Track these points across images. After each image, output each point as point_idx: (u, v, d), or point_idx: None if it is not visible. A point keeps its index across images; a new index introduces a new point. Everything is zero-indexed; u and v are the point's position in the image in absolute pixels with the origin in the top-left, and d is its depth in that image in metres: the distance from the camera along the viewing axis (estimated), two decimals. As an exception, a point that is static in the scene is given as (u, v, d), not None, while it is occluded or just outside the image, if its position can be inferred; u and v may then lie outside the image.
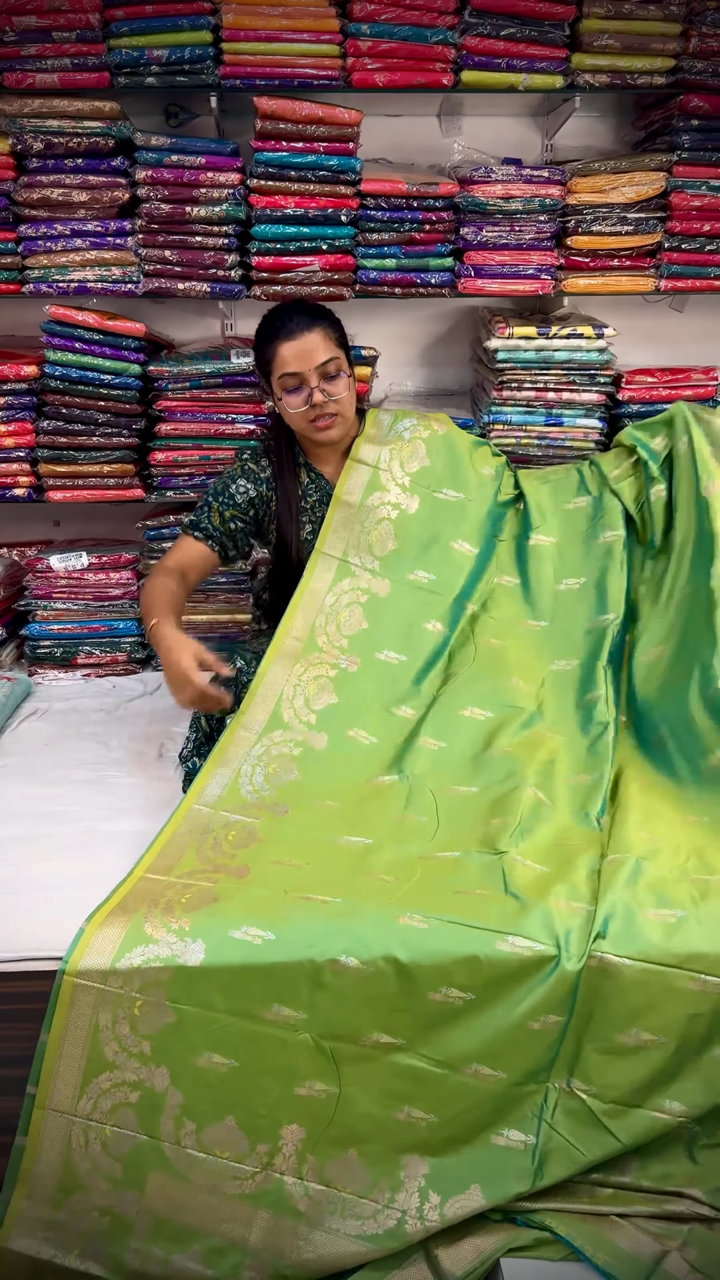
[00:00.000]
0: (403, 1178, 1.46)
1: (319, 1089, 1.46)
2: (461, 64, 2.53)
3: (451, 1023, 1.48)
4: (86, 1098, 1.46)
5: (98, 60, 2.47)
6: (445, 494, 2.29)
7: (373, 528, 2.23)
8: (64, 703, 2.72)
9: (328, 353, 2.17)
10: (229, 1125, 1.46)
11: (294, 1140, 1.47)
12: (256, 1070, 1.46)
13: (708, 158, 2.62)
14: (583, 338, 2.67)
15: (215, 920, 1.51)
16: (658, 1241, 1.46)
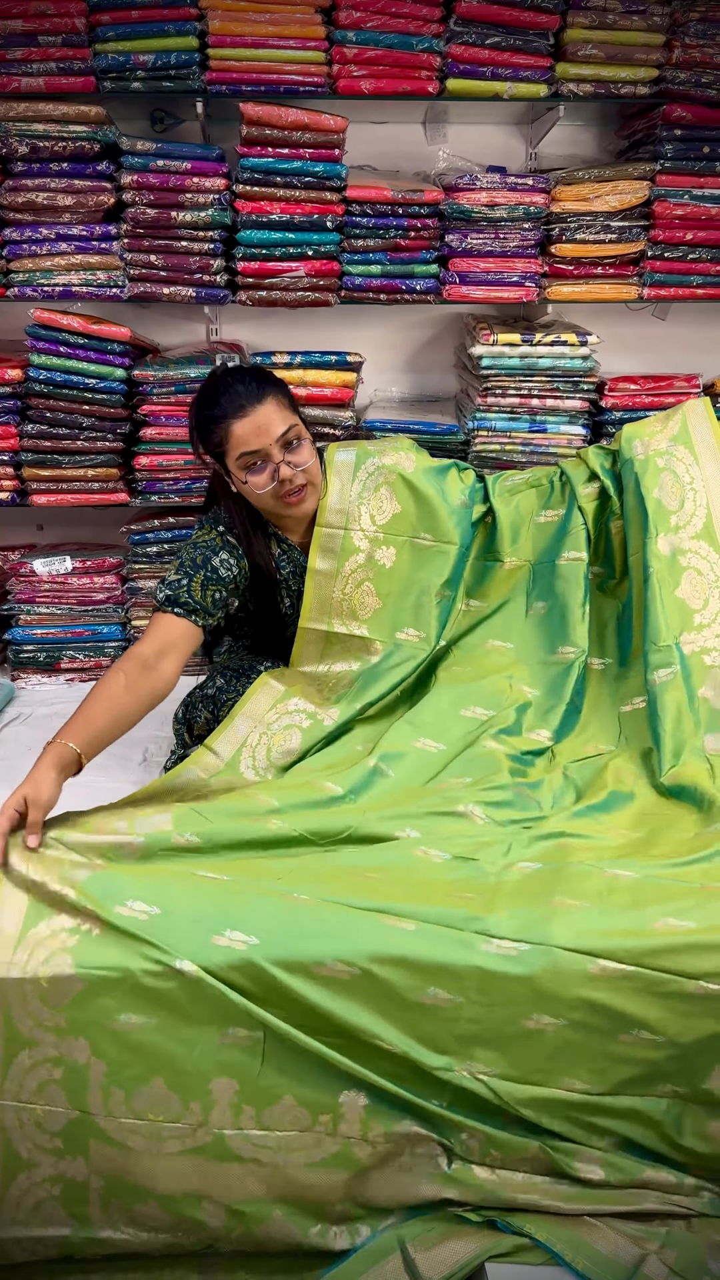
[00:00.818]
0: (343, 1112, 1.44)
1: (242, 1035, 1.43)
2: (447, 72, 2.55)
3: (344, 999, 1.45)
4: (11, 1079, 1.44)
5: (83, 65, 2.47)
6: (422, 539, 2.15)
7: (353, 591, 2.11)
8: (47, 707, 2.71)
9: (285, 422, 1.97)
10: (158, 1087, 1.44)
11: (227, 1093, 1.45)
12: (176, 1024, 1.43)
13: (690, 167, 2.64)
14: (566, 345, 2.68)
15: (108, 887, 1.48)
16: (636, 1245, 1.46)
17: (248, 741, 1.95)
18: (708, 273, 2.74)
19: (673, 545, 2.06)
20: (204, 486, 2.74)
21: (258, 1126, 1.45)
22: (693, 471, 2.12)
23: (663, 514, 2.07)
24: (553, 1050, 1.46)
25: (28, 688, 2.85)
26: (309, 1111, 1.45)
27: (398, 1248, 1.47)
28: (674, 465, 2.12)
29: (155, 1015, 1.43)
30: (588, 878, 1.57)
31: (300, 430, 2.00)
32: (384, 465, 2.15)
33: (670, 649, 2.00)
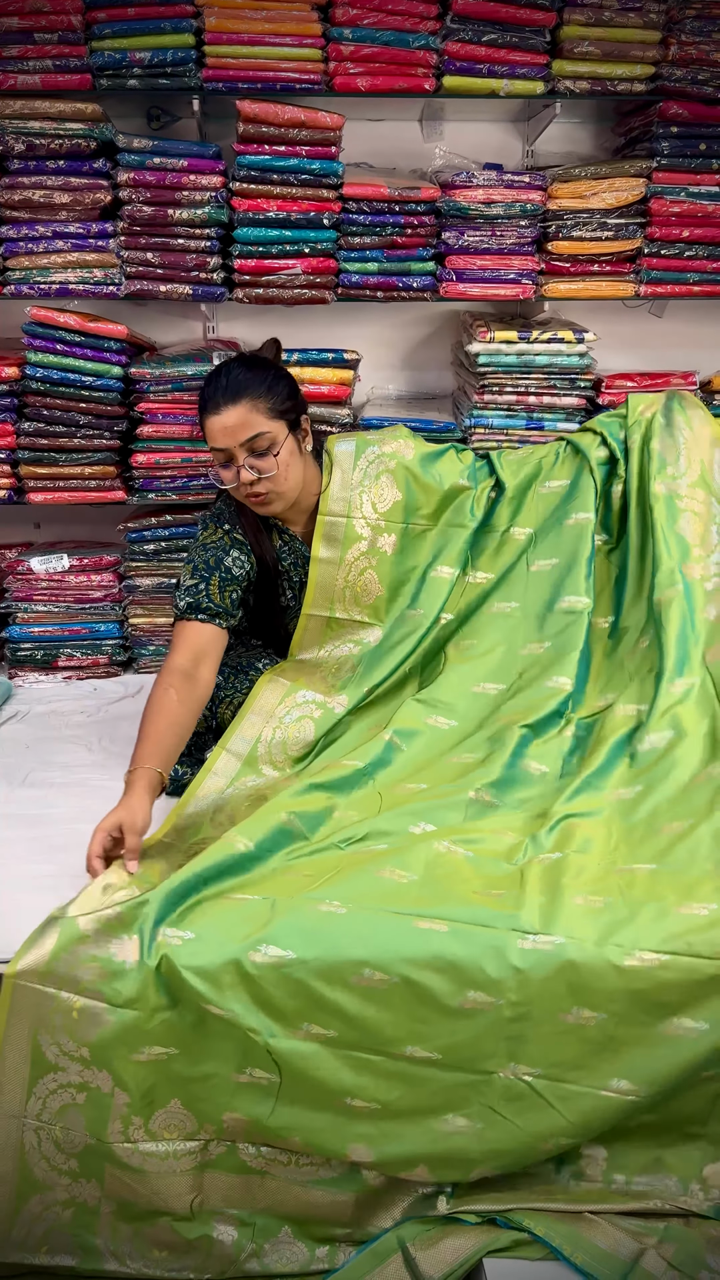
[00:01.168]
0: (349, 1160, 1.47)
1: (260, 1076, 1.46)
2: (443, 69, 2.55)
3: (382, 1008, 1.46)
4: (35, 1098, 1.46)
5: (80, 62, 2.47)
6: (419, 523, 2.19)
7: (356, 579, 2.14)
8: (44, 705, 2.71)
9: (254, 428, 1.96)
10: (175, 1107, 1.46)
11: (238, 1125, 1.47)
12: (196, 1056, 1.46)
13: (687, 164, 2.64)
14: (563, 342, 2.68)
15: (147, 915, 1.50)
16: (635, 1239, 1.47)
17: (261, 737, 1.99)
18: (704, 270, 2.74)
19: (670, 489, 2.11)
20: (201, 484, 2.76)
21: (269, 1145, 1.49)
22: (685, 433, 2.18)
23: (661, 463, 2.14)
24: (596, 1045, 1.45)
25: (25, 686, 2.85)
26: (316, 1151, 1.48)
27: (398, 1248, 1.48)
28: (673, 422, 2.19)
29: (177, 1046, 1.45)
30: (605, 877, 1.58)
31: (275, 439, 1.99)
32: (384, 453, 2.18)
33: (674, 572, 2.03)
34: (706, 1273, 1.44)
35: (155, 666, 2.93)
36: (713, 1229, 1.50)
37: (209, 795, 1.89)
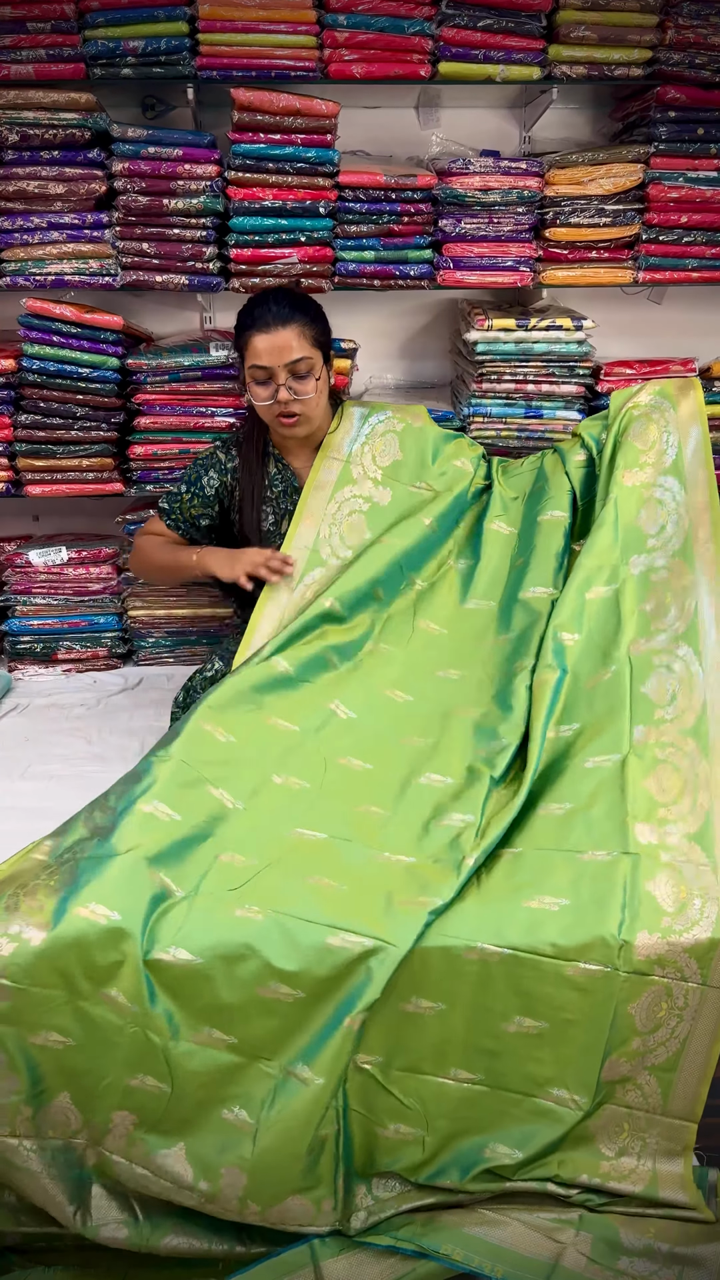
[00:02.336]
0: (222, 1186, 1.44)
1: (151, 1084, 1.45)
2: (439, 55, 2.53)
3: (279, 1019, 1.46)
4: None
5: (73, 51, 2.46)
6: (419, 486, 2.25)
7: (344, 520, 2.18)
8: (44, 698, 2.71)
9: (300, 351, 2.12)
10: (63, 1102, 1.45)
11: (125, 1124, 1.46)
12: (95, 1051, 1.44)
13: (685, 149, 2.62)
14: (561, 329, 2.67)
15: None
16: (550, 1238, 1.47)
17: (320, 535, 2.16)
18: (703, 256, 2.72)
19: (637, 478, 2.09)
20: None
21: (145, 1167, 1.45)
22: (669, 417, 2.14)
23: (633, 452, 2.12)
24: (437, 1037, 1.49)
25: (25, 679, 2.85)
26: (194, 1171, 1.45)
27: (310, 1264, 1.47)
28: (653, 415, 2.16)
29: (77, 1038, 1.44)
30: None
31: (314, 364, 2.16)
32: (394, 418, 2.31)
33: (618, 567, 1.99)
34: (625, 1258, 1.46)
35: (154, 659, 2.93)
36: (622, 1206, 1.52)
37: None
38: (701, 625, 1.86)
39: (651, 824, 1.63)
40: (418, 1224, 1.50)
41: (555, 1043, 1.49)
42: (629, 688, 1.82)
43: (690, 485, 2.04)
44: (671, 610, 1.90)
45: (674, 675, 1.82)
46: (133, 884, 1.47)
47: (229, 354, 2.65)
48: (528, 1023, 1.47)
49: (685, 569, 1.94)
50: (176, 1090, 1.45)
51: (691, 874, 1.57)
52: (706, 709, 1.76)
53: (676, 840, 1.61)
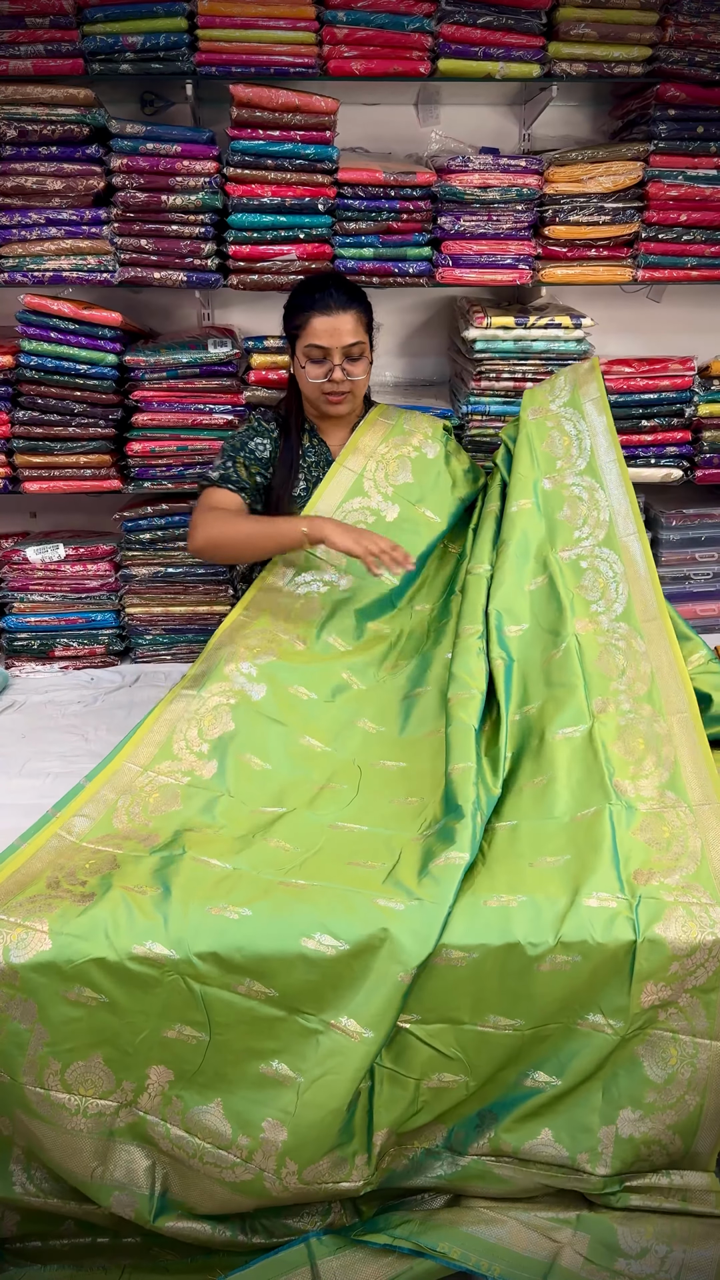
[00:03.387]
0: (262, 1140, 1.45)
1: (189, 1034, 1.45)
2: (438, 52, 2.53)
3: (321, 973, 1.47)
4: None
5: (72, 47, 2.45)
6: (422, 509, 2.37)
7: (354, 522, 2.30)
8: (41, 695, 2.71)
9: (355, 336, 2.26)
10: (95, 1062, 1.45)
11: (160, 1081, 1.47)
12: (126, 1007, 1.45)
13: (684, 147, 2.62)
14: (560, 328, 2.67)
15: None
16: (547, 1237, 1.47)
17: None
18: (702, 254, 2.72)
19: (556, 482, 2.29)
20: (196, 472, 2.75)
21: (182, 1126, 1.46)
22: (579, 426, 2.34)
23: (549, 460, 2.32)
24: (472, 986, 1.49)
25: (22, 675, 2.84)
26: (232, 1127, 1.45)
27: (308, 1263, 1.47)
28: (563, 425, 2.36)
29: (110, 994, 1.44)
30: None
31: (365, 348, 2.31)
32: (411, 444, 2.43)
33: (548, 559, 2.16)
34: (622, 1259, 1.46)
35: (152, 656, 2.93)
36: (618, 1203, 1.51)
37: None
38: (634, 602, 2.06)
39: (626, 779, 1.74)
40: (415, 1222, 1.50)
41: (589, 973, 1.48)
42: (580, 665, 1.95)
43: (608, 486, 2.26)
44: (607, 592, 2.09)
45: (619, 650, 1.98)
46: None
47: (227, 351, 2.64)
48: (560, 959, 1.47)
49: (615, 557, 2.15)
50: (215, 1040, 1.45)
51: (672, 816, 1.66)
52: (654, 676, 1.92)
53: (651, 792, 1.71)
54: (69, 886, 1.53)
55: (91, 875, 1.56)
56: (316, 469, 2.42)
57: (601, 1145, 1.50)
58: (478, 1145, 1.52)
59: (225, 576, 2.88)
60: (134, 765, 1.86)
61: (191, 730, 1.92)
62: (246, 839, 1.67)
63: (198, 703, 1.98)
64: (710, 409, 2.82)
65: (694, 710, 1.85)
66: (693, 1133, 1.51)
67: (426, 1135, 1.53)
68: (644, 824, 1.65)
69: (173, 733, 1.91)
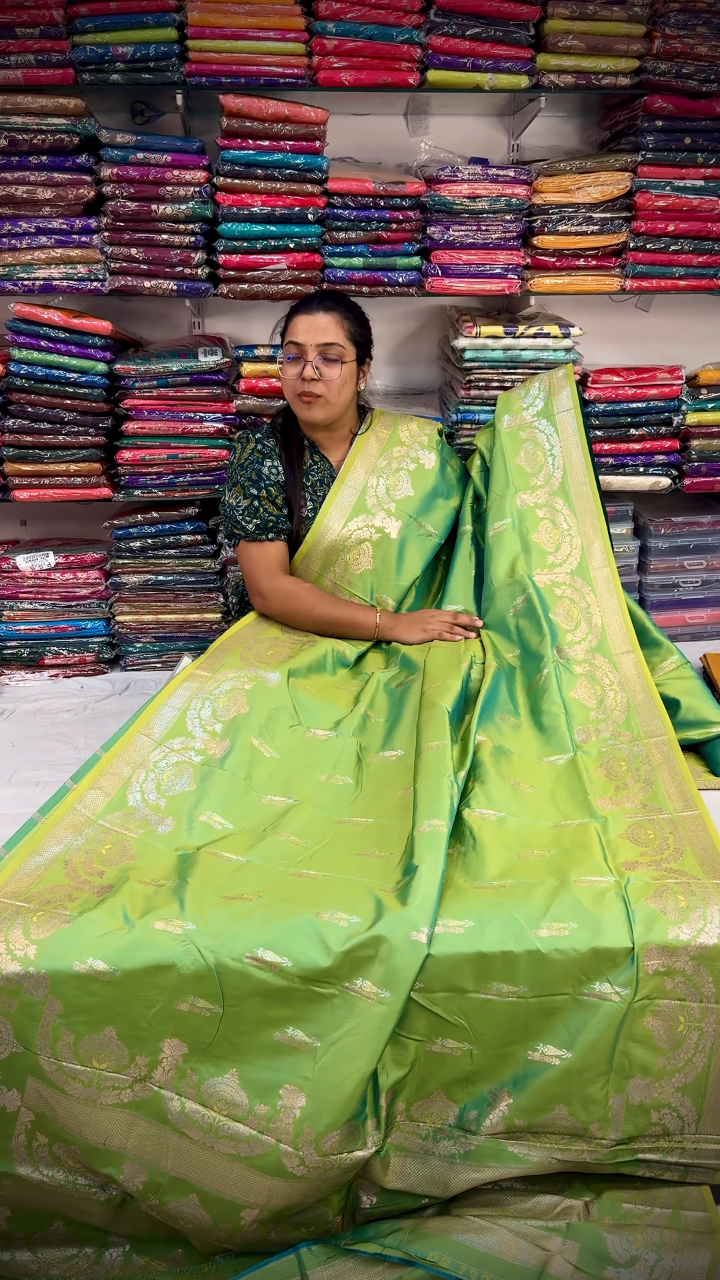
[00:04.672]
0: (280, 1108, 1.45)
1: (201, 1006, 1.45)
2: (427, 63, 2.54)
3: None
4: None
5: (62, 57, 2.46)
6: (421, 524, 2.44)
7: (352, 548, 2.38)
8: (31, 704, 2.70)
9: (332, 336, 2.26)
10: (108, 1036, 1.46)
11: (174, 1054, 1.47)
12: (139, 981, 1.45)
13: (672, 158, 2.64)
14: (549, 337, 2.68)
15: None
16: (537, 1245, 1.46)
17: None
18: (690, 264, 2.74)
19: (530, 501, 2.37)
20: (187, 480, 2.76)
21: (196, 1099, 1.46)
22: (552, 440, 2.43)
23: (523, 476, 2.40)
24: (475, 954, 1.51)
25: (11, 684, 2.84)
26: (249, 1096, 1.45)
27: (298, 1273, 1.46)
28: (536, 437, 2.45)
29: (124, 969, 1.44)
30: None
31: (344, 353, 2.28)
32: (409, 455, 2.46)
33: (524, 579, 2.27)
34: (611, 1268, 1.45)
35: (142, 664, 2.93)
36: (609, 1217, 1.51)
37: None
38: (608, 636, 2.18)
39: (608, 798, 1.83)
40: (405, 1231, 1.50)
41: (588, 940, 1.50)
42: (560, 695, 2.07)
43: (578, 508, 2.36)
44: (581, 625, 2.20)
45: (595, 681, 2.12)
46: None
47: (217, 359, 2.65)
48: (556, 926, 1.49)
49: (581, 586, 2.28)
50: (228, 1012, 1.45)
51: (654, 823, 1.74)
52: (630, 707, 2.05)
53: (633, 805, 1.80)
54: (86, 875, 1.57)
55: (109, 865, 1.60)
56: (321, 487, 2.41)
57: (613, 1112, 1.51)
58: (490, 1124, 1.51)
59: (216, 585, 2.88)
60: (147, 738, 1.89)
61: (206, 709, 1.95)
62: (258, 833, 1.71)
63: (212, 684, 2.01)
64: (698, 418, 2.83)
65: (670, 733, 1.96)
66: (702, 1093, 1.52)
67: (436, 1114, 1.52)
68: (629, 830, 1.71)
69: (187, 708, 1.95)
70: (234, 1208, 1.45)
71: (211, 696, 1.98)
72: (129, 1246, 1.56)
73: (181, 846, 1.67)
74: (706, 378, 2.83)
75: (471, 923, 1.49)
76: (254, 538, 2.33)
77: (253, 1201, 1.45)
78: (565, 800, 1.82)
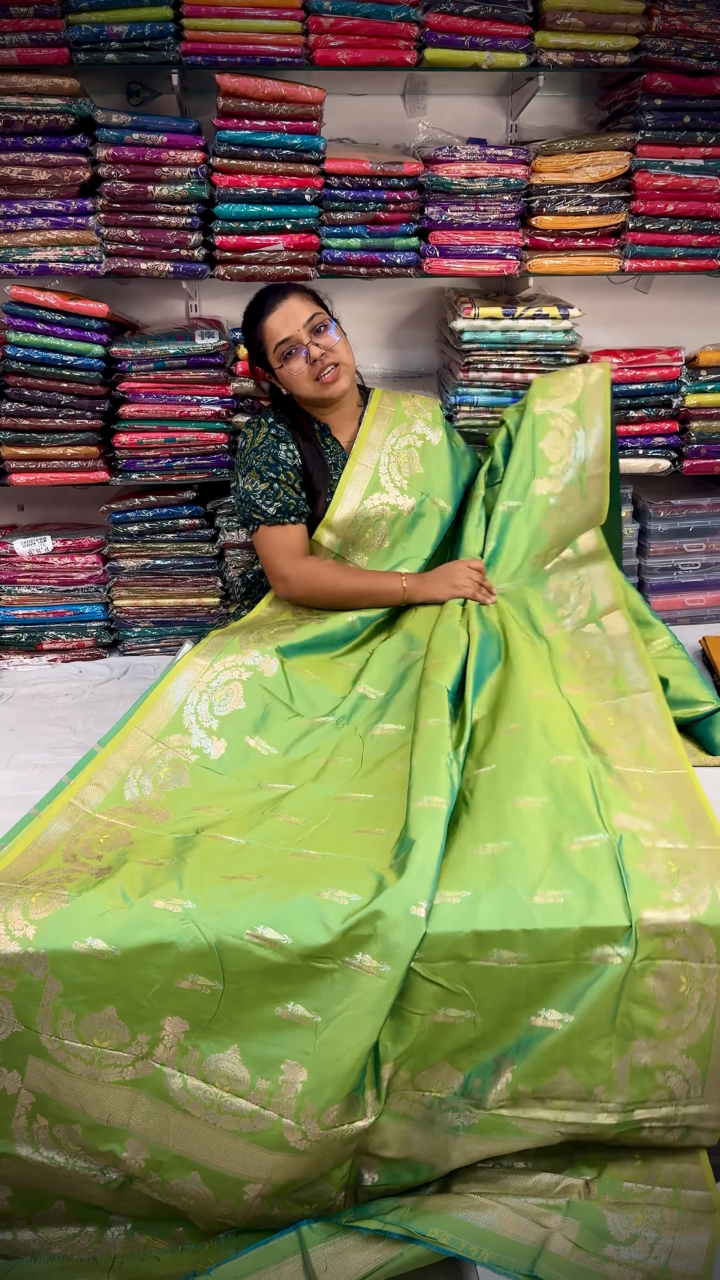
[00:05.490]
0: (281, 1083, 1.45)
1: (202, 983, 1.45)
2: (425, 42, 2.52)
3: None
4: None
5: (56, 36, 2.44)
6: (434, 499, 2.41)
7: (366, 527, 2.36)
8: (29, 688, 2.70)
9: (308, 310, 2.24)
10: (109, 1014, 1.45)
11: (175, 1031, 1.47)
12: (139, 960, 1.45)
13: (671, 137, 2.62)
14: (548, 318, 2.67)
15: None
16: (537, 1223, 1.46)
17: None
18: (689, 244, 2.73)
19: (546, 488, 2.40)
20: (185, 464, 2.74)
21: (198, 1075, 1.46)
22: (577, 433, 2.42)
23: (544, 462, 2.41)
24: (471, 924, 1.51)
25: (10, 668, 2.83)
26: (250, 1071, 1.45)
27: (299, 1251, 1.47)
28: (561, 426, 2.43)
29: (120, 945, 1.44)
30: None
31: (324, 319, 2.27)
32: (414, 431, 2.44)
33: (523, 567, 2.33)
34: (611, 1246, 1.45)
35: (140, 648, 2.92)
36: (610, 1195, 1.51)
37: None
38: (597, 604, 2.20)
39: (602, 741, 1.82)
40: (405, 1208, 1.50)
41: (584, 903, 1.50)
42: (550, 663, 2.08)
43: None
44: (572, 597, 2.25)
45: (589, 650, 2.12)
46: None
47: (215, 342, 2.64)
48: (551, 894, 1.49)
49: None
50: (229, 989, 1.45)
51: (644, 776, 1.74)
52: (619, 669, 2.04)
53: (624, 753, 1.80)
54: (85, 860, 1.56)
55: (107, 850, 1.60)
56: (336, 471, 2.39)
57: (617, 1075, 1.51)
58: (496, 1092, 1.51)
59: (214, 569, 2.88)
60: (144, 733, 1.89)
61: (203, 704, 1.95)
62: (256, 816, 1.71)
63: (210, 674, 2.00)
64: (698, 399, 2.82)
65: (658, 691, 1.95)
66: (706, 1054, 1.52)
67: (441, 1082, 1.52)
68: (619, 778, 1.70)
69: (184, 703, 1.94)
70: (237, 1184, 1.45)
71: (209, 690, 1.97)
72: (130, 1225, 1.56)
73: (179, 831, 1.67)
74: (706, 359, 2.82)
75: (468, 893, 1.49)
76: (275, 521, 2.29)
77: (256, 1177, 1.45)
78: (556, 732, 1.79)
